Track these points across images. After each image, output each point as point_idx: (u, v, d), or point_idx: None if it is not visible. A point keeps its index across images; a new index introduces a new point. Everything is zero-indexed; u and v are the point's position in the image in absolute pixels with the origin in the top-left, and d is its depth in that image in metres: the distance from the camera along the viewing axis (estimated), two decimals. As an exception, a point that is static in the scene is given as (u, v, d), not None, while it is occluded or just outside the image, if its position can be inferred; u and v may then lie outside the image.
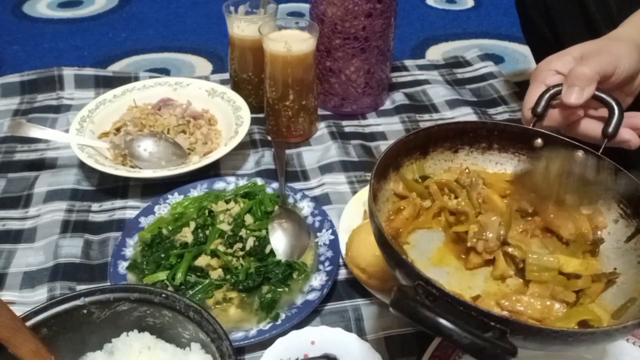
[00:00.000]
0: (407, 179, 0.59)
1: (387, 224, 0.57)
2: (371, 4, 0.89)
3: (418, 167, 0.61)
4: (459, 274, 0.54)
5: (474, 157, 0.63)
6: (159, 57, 1.23)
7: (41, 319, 0.49)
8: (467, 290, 0.52)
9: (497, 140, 0.63)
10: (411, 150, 0.61)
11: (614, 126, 0.58)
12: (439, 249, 0.56)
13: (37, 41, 1.28)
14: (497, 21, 1.41)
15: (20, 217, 0.78)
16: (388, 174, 0.59)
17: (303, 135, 0.94)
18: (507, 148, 0.63)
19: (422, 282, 0.42)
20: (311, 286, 0.66)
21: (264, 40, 0.86)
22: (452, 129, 0.62)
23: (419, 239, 0.57)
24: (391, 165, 0.59)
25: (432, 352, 0.56)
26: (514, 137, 0.62)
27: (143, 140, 0.84)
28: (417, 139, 0.60)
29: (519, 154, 0.62)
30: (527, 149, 0.61)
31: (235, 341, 0.58)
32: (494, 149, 0.63)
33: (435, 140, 0.62)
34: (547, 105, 0.61)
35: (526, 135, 0.61)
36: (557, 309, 0.49)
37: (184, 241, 0.70)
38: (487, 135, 0.62)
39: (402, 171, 0.60)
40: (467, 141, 0.63)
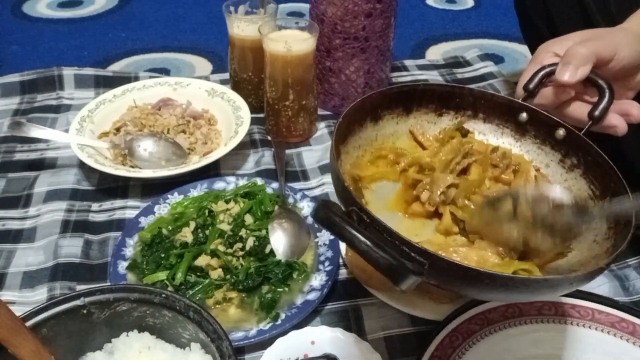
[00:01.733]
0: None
1: (352, 166, 0.58)
2: (371, 4, 0.89)
3: (400, 123, 0.63)
4: (410, 222, 0.56)
5: (457, 123, 0.64)
6: (159, 57, 1.23)
7: (41, 319, 0.49)
8: (413, 237, 0.51)
9: (482, 109, 0.63)
10: (393, 103, 0.61)
11: (602, 109, 0.57)
12: (396, 196, 0.58)
13: (36, 41, 1.28)
14: (497, 21, 1.41)
15: (20, 217, 0.78)
16: (365, 122, 0.60)
17: (303, 135, 0.94)
18: (492, 119, 0.63)
19: (356, 208, 0.43)
20: (311, 286, 0.66)
21: (264, 40, 0.86)
22: (438, 90, 0.63)
23: (382, 187, 0.59)
24: (369, 114, 0.60)
25: (432, 352, 0.56)
26: (500, 107, 0.62)
27: (143, 140, 0.84)
28: (400, 93, 0.61)
29: (503, 126, 0.63)
30: (512, 123, 0.62)
31: (235, 341, 0.58)
32: (479, 117, 0.64)
33: (420, 98, 0.62)
34: (539, 82, 0.60)
35: (511, 108, 0.61)
36: (493, 261, 0.50)
37: (184, 241, 0.70)
38: (473, 102, 0.63)
39: (382, 123, 0.61)
40: (452, 106, 0.63)
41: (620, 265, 0.71)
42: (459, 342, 0.57)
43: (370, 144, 0.61)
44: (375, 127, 0.61)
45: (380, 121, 0.61)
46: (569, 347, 0.59)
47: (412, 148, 0.63)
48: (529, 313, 0.61)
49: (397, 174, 0.60)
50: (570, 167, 0.59)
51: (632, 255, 0.72)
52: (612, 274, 0.70)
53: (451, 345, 0.57)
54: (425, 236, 0.54)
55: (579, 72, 0.57)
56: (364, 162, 0.60)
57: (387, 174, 0.60)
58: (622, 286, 0.68)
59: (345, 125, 0.56)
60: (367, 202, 0.56)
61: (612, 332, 0.59)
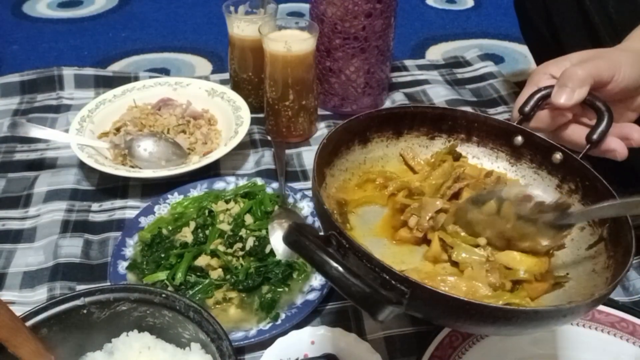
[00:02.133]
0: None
1: (337, 189, 0.56)
2: (371, 4, 0.89)
3: (390, 146, 0.60)
4: (397, 248, 0.53)
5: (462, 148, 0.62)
6: (159, 57, 1.23)
7: (41, 319, 0.49)
8: (399, 264, 0.50)
9: (476, 132, 0.61)
10: (383, 126, 0.59)
11: (600, 133, 0.55)
12: (383, 221, 0.55)
13: (36, 41, 1.28)
14: (497, 21, 1.41)
15: (20, 217, 0.78)
16: (352, 144, 0.57)
17: (303, 135, 0.94)
18: (487, 142, 0.61)
19: (335, 233, 0.41)
20: (311, 286, 0.66)
21: (264, 40, 0.86)
22: (430, 113, 0.60)
23: (369, 212, 0.56)
24: (357, 136, 0.57)
25: (432, 352, 0.56)
26: (494, 130, 0.60)
27: (143, 140, 0.84)
28: (390, 115, 0.59)
29: (498, 150, 0.61)
30: (507, 147, 0.60)
31: (235, 341, 0.58)
32: (472, 141, 0.61)
33: (411, 121, 0.60)
34: (535, 105, 0.58)
35: (507, 131, 0.59)
36: (483, 292, 0.48)
37: (184, 241, 0.70)
38: (466, 125, 0.61)
39: (371, 146, 0.59)
40: (445, 129, 0.61)
41: (620, 265, 0.71)
42: (459, 342, 0.57)
43: (358, 167, 0.59)
44: (363, 150, 0.59)
45: (369, 144, 0.59)
46: (569, 347, 0.59)
47: (403, 172, 0.61)
48: (529, 313, 0.61)
49: (385, 198, 0.57)
50: (568, 193, 0.56)
51: (632, 255, 0.72)
52: (612, 274, 0.70)
53: (451, 345, 0.57)
54: (412, 264, 0.51)
55: (575, 95, 0.55)
56: (351, 186, 0.58)
57: (374, 198, 0.57)
58: (622, 286, 0.68)
59: (332, 148, 0.54)
60: (352, 227, 0.53)
61: (612, 332, 0.59)
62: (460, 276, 0.49)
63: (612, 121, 0.56)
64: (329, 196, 0.53)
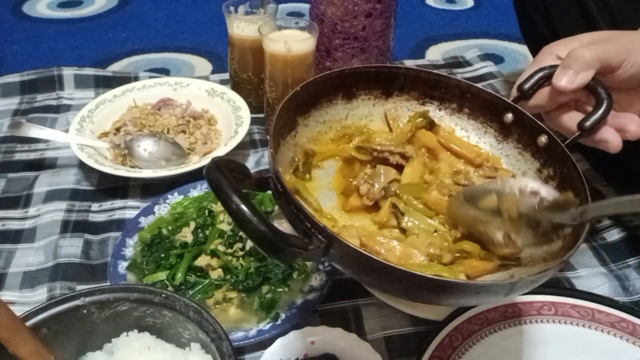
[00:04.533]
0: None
1: (308, 140, 0.55)
2: (371, 4, 0.89)
3: (377, 105, 0.59)
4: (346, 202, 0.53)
5: (440, 116, 0.60)
6: (158, 57, 1.23)
7: (41, 319, 0.49)
8: (343, 218, 0.50)
9: (469, 104, 0.59)
10: (371, 83, 0.57)
11: (594, 121, 0.52)
12: (337, 173, 0.55)
13: (37, 41, 1.28)
14: (497, 21, 1.41)
15: (20, 217, 0.78)
16: (335, 98, 0.56)
17: (303, 135, 0.94)
18: (477, 116, 0.59)
19: (273, 176, 0.43)
20: (311, 286, 0.66)
21: (263, 40, 0.86)
22: (423, 76, 0.58)
23: (334, 165, 0.56)
24: (342, 91, 0.56)
25: (432, 352, 0.56)
26: (487, 105, 0.58)
27: (143, 140, 0.84)
28: (380, 73, 0.56)
29: (487, 125, 0.59)
30: (497, 123, 0.58)
31: (235, 341, 0.58)
32: (463, 112, 0.60)
33: (403, 83, 0.58)
34: (536, 84, 0.56)
35: (499, 107, 0.57)
36: (418, 259, 0.47)
37: (184, 241, 0.70)
38: (459, 95, 0.59)
39: (356, 103, 0.57)
40: (437, 96, 0.59)
41: (620, 265, 0.71)
42: (459, 342, 0.57)
43: (338, 122, 0.57)
44: (347, 105, 0.57)
45: (355, 100, 0.57)
46: (569, 348, 0.59)
47: (384, 133, 0.58)
48: (528, 313, 0.61)
49: (352, 150, 0.56)
50: (546, 179, 0.54)
51: (632, 255, 0.72)
52: (612, 274, 0.70)
53: (451, 345, 0.57)
54: (356, 221, 0.50)
55: (578, 79, 0.52)
56: (325, 139, 0.56)
57: (341, 152, 0.56)
58: (622, 286, 0.68)
59: (308, 97, 0.53)
60: (312, 178, 0.52)
61: (612, 332, 0.59)
62: (402, 242, 0.48)
63: (610, 110, 0.53)
64: (297, 144, 0.53)
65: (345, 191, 0.54)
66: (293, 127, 0.53)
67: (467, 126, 0.60)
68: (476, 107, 0.59)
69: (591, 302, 0.62)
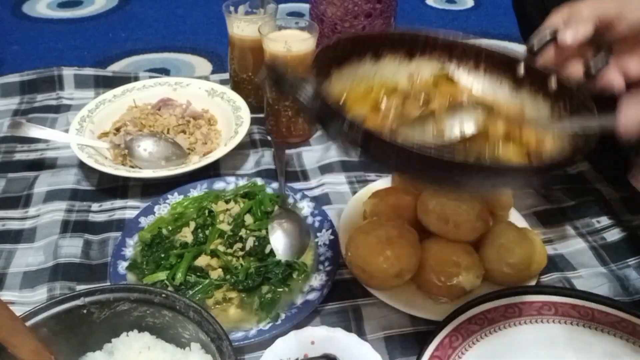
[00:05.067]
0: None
1: (339, 90, 0.59)
2: (371, 4, 0.89)
3: (402, 66, 0.63)
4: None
5: (459, 74, 0.64)
6: (158, 57, 1.23)
7: (41, 319, 0.49)
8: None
9: (483, 63, 0.64)
10: (395, 45, 0.62)
11: (596, 64, 0.56)
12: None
13: (37, 41, 1.28)
14: (497, 21, 1.41)
15: (20, 217, 0.78)
16: (364, 57, 0.61)
17: (303, 136, 0.94)
18: (492, 72, 0.64)
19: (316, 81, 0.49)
20: (311, 286, 0.66)
21: (263, 40, 0.86)
22: (441, 41, 0.63)
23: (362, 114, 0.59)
24: (370, 49, 0.61)
25: (432, 352, 0.56)
26: (500, 61, 0.63)
27: (143, 140, 0.84)
28: (403, 37, 0.62)
29: (502, 79, 0.64)
30: (511, 76, 0.63)
31: (235, 341, 0.58)
32: (480, 69, 0.64)
33: (424, 46, 0.63)
34: (542, 42, 0.58)
35: (511, 61, 0.62)
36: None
37: (184, 241, 0.70)
38: (475, 55, 0.64)
39: (383, 63, 0.62)
40: (455, 56, 0.64)
41: (620, 265, 0.71)
42: (459, 342, 0.57)
43: (368, 79, 0.61)
44: (375, 65, 0.61)
45: (382, 60, 0.62)
46: (569, 347, 0.59)
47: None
48: (528, 313, 0.61)
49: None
50: (560, 113, 0.59)
51: (632, 255, 0.72)
52: (612, 274, 0.70)
53: (451, 345, 0.57)
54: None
55: (580, 32, 0.55)
56: (357, 94, 0.60)
57: (369, 101, 0.59)
58: (622, 286, 0.68)
59: (340, 52, 0.57)
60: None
61: (612, 332, 0.59)
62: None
63: (610, 54, 0.56)
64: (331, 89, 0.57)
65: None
66: (328, 76, 0.56)
67: (483, 82, 0.64)
68: (490, 65, 0.64)
69: (591, 302, 0.62)
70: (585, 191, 0.82)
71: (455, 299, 0.64)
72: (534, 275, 0.66)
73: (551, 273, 0.70)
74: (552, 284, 0.68)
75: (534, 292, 0.63)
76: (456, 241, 0.65)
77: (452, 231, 0.64)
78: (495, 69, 0.63)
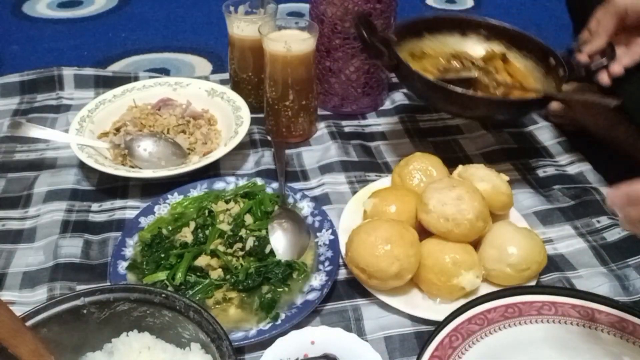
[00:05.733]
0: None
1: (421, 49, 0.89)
2: (371, 4, 0.89)
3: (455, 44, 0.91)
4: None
5: (502, 48, 0.90)
6: (158, 57, 1.23)
7: (41, 319, 0.49)
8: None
9: (525, 47, 0.89)
10: (449, 26, 0.91)
11: (596, 66, 0.76)
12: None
13: (36, 41, 1.28)
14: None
15: (20, 217, 0.78)
16: (422, 33, 0.90)
17: (303, 135, 0.94)
18: (531, 57, 0.88)
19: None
20: (311, 286, 0.66)
21: (263, 40, 0.86)
22: (496, 25, 0.93)
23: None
24: (425, 28, 0.90)
25: (432, 352, 0.56)
26: (539, 50, 0.87)
27: (143, 140, 0.84)
28: (453, 20, 0.93)
29: (537, 63, 0.88)
30: (545, 63, 0.86)
31: (235, 341, 0.58)
32: (522, 50, 0.89)
33: (477, 26, 0.92)
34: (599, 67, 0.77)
35: (546, 53, 0.85)
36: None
37: (184, 241, 0.70)
38: (519, 39, 0.90)
39: (440, 38, 0.90)
40: (505, 40, 0.91)
41: (620, 265, 0.71)
42: (459, 342, 0.57)
43: (435, 49, 0.89)
44: (434, 38, 0.90)
45: (439, 35, 0.91)
46: (569, 347, 0.59)
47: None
48: (528, 313, 0.61)
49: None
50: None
51: (632, 255, 0.72)
52: (612, 274, 0.70)
53: (451, 345, 0.57)
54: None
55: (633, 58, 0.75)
56: (430, 55, 0.87)
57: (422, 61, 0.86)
58: (622, 286, 0.68)
59: (408, 29, 0.88)
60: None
61: (612, 332, 0.59)
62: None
63: (613, 54, 0.77)
64: (412, 48, 0.88)
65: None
66: (419, 36, 0.89)
67: (523, 61, 0.89)
68: (529, 50, 0.88)
69: (591, 302, 0.62)
70: (585, 191, 0.82)
71: (455, 299, 0.64)
72: (534, 275, 0.66)
73: (551, 273, 0.70)
74: (552, 284, 0.68)
75: (534, 292, 0.63)
76: (456, 241, 0.65)
77: (452, 231, 0.64)
78: (533, 54, 0.87)
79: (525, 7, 1.49)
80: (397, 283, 0.63)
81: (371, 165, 0.89)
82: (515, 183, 0.84)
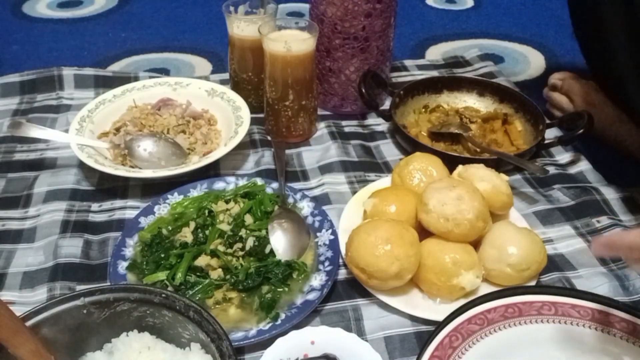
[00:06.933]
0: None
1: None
2: (371, 4, 0.89)
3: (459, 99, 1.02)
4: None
5: (510, 110, 0.98)
6: (158, 57, 1.23)
7: (41, 319, 0.49)
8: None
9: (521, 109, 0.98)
10: (443, 85, 1.02)
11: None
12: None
13: (36, 41, 1.28)
14: (497, 21, 1.41)
15: (20, 217, 0.78)
16: (442, 90, 1.02)
17: (303, 135, 0.94)
18: (524, 116, 0.96)
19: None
20: (311, 286, 0.66)
21: (263, 40, 0.86)
22: (493, 84, 1.02)
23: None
24: (444, 87, 1.02)
25: (432, 352, 0.56)
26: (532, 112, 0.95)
27: (143, 140, 0.84)
28: (448, 79, 1.04)
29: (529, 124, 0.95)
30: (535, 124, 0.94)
31: (235, 341, 0.58)
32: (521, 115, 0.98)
33: (468, 83, 1.02)
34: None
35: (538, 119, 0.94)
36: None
37: (184, 241, 0.70)
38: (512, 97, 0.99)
39: (457, 94, 1.02)
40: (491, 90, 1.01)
41: (620, 265, 0.71)
42: (459, 342, 0.57)
43: (449, 103, 1.02)
44: (432, 96, 1.02)
45: (441, 94, 1.02)
46: (569, 347, 0.59)
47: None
48: (528, 313, 0.61)
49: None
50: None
51: (632, 255, 0.72)
52: (612, 273, 0.70)
53: (451, 345, 0.57)
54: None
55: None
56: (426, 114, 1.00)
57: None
58: (622, 286, 0.68)
59: (404, 93, 0.98)
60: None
61: (612, 332, 0.59)
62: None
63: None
64: (411, 106, 1.00)
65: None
66: (439, 92, 1.02)
67: (523, 124, 0.96)
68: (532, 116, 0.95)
69: (591, 302, 0.62)
70: (585, 191, 0.82)
71: (455, 299, 0.64)
72: (534, 275, 0.66)
73: (551, 273, 0.70)
74: (552, 284, 0.68)
75: (534, 292, 0.63)
76: (456, 241, 0.65)
77: (452, 231, 0.64)
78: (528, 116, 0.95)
79: (525, 7, 1.49)
80: (397, 283, 0.63)
81: (371, 165, 0.89)
82: (515, 183, 0.84)
